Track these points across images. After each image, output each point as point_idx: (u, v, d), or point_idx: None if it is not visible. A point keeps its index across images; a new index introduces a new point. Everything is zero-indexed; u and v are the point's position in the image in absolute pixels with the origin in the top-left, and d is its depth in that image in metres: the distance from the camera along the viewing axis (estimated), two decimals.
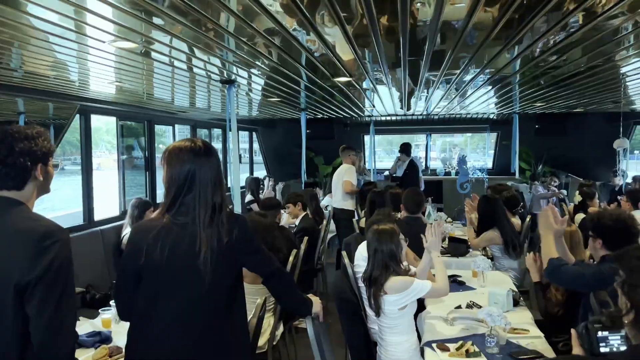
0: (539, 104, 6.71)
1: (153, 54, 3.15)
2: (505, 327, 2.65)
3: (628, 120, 8.89)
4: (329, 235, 6.94)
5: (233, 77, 3.87)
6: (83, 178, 5.01)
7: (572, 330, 1.77)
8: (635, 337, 1.56)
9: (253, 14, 2.21)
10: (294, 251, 3.65)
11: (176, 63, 3.49)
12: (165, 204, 1.90)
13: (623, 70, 4.06)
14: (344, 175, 6.69)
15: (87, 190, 5.02)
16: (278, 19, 2.31)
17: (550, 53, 3.26)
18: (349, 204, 6.72)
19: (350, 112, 7.98)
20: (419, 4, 2.11)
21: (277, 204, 4.83)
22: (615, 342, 1.66)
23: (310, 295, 2.33)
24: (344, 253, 3.53)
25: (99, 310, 2.94)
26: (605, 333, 1.67)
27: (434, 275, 3.08)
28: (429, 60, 3.38)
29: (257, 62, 3.48)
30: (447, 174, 11.02)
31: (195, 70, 3.75)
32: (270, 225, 3.31)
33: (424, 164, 11.41)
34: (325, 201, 7.87)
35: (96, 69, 3.60)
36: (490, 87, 5.20)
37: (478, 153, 13.25)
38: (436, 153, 13.41)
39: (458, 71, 3.92)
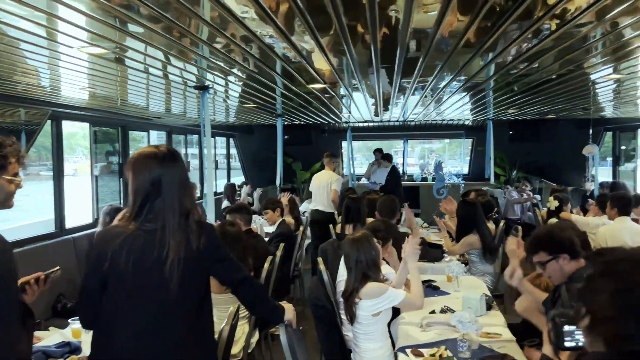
0: (512, 111, 6.84)
1: (126, 61, 3.11)
2: (476, 332, 2.69)
3: (598, 127, 9.11)
4: (307, 242, 6.94)
5: (207, 83, 3.85)
6: (55, 185, 4.92)
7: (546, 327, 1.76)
8: (590, 344, 1.54)
9: (226, 22, 2.21)
10: (269, 257, 3.64)
11: (150, 69, 3.46)
12: (131, 211, 1.89)
13: (592, 77, 4.15)
14: (334, 184, 6.89)
15: (58, 198, 4.92)
16: (252, 28, 2.31)
17: (521, 60, 3.30)
18: (334, 209, 6.88)
19: (327, 118, 8.01)
20: (392, 12, 2.14)
21: (243, 206, 4.79)
22: (580, 337, 1.60)
23: (283, 303, 2.33)
24: (319, 259, 3.53)
25: (69, 320, 2.89)
26: (572, 327, 1.63)
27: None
28: (402, 67, 3.41)
29: (231, 69, 3.47)
30: (424, 179, 11.13)
31: (169, 76, 3.72)
32: (236, 234, 3.27)
33: (401, 169, 11.52)
34: (302, 207, 7.86)
35: (68, 75, 3.55)
36: (464, 94, 5.26)
37: (456, 159, 13.45)
38: (414, 159, 13.57)
39: (431, 78, 3.95)
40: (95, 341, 1.90)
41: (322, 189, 6.91)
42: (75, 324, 2.80)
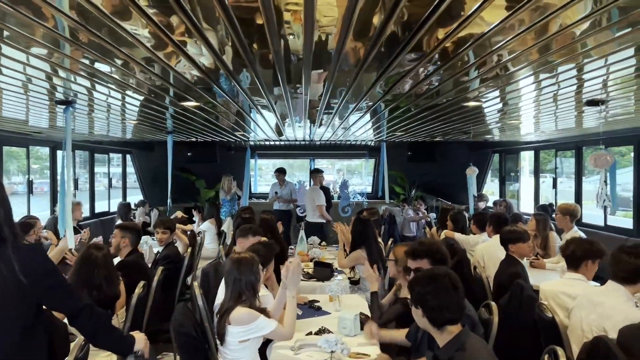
0: (400, 133, 7.12)
1: None
2: (342, 352, 2.70)
3: (487, 149, 9.77)
4: (205, 263, 6.73)
5: (70, 98, 3.62)
6: None
7: None
8: None
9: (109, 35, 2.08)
10: (141, 282, 3.46)
11: (14, 82, 3.19)
12: None
13: (466, 105, 4.40)
14: (316, 200, 8.16)
15: None
16: (132, 47, 2.20)
17: (407, 84, 3.36)
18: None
19: (223, 136, 7.86)
20: (290, 37, 2.12)
21: (132, 226, 4.54)
22: None
23: (135, 332, 2.21)
24: (195, 284, 3.40)
25: None
26: None
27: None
28: (304, 89, 3.43)
29: (101, 82, 3.28)
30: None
31: (30, 90, 3.45)
32: (102, 258, 3.07)
33: (307, 188, 11.61)
34: (203, 226, 7.63)
35: None
36: (365, 115, 5.35)
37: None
38: (333, 176, 13.97)
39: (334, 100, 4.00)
40: None
41: (312, 202, 8.16)
42: None
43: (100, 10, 1.76)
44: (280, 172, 9.50)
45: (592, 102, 3.72)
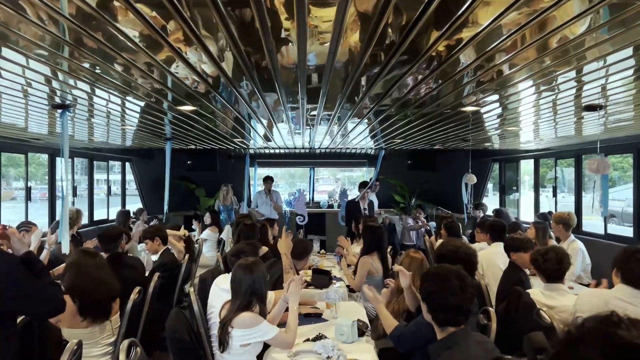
0: (398, 140, 7.11)
1: None
2: (339, 358, 2.67)
3: (487, 158, 9.74)
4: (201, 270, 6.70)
5: (67, 102, 3.60)
6: None
7: None
8: None
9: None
10: (137, 288, 3.44)
11: (14, 86, 3.18)
12: None
13: (464, 111, 4.39)
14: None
15: None
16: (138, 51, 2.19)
17: (404, 91, 3.38)
18: None
19: (222, 143, 7.85)
20: (289, 45, 2.12)
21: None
22: None
23: None
24: (191, 290, 3.38)
25: None
26: None
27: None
28: (306, 97, 3.43)
29: (101, 87, 3.27)
30: (330, 206, 11.27)
31: (30, 95, 3.45)
32: (95, 265, 3.05)
33: (308, 197, 11.61)
34: (204, 235, 7.60)
35: None
36: (360, 121, 5.34)
37: None
38: (332, 186, 14.03)
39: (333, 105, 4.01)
40: None
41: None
42: None
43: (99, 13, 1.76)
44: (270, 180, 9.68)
45: (591, 107, 3.70)
